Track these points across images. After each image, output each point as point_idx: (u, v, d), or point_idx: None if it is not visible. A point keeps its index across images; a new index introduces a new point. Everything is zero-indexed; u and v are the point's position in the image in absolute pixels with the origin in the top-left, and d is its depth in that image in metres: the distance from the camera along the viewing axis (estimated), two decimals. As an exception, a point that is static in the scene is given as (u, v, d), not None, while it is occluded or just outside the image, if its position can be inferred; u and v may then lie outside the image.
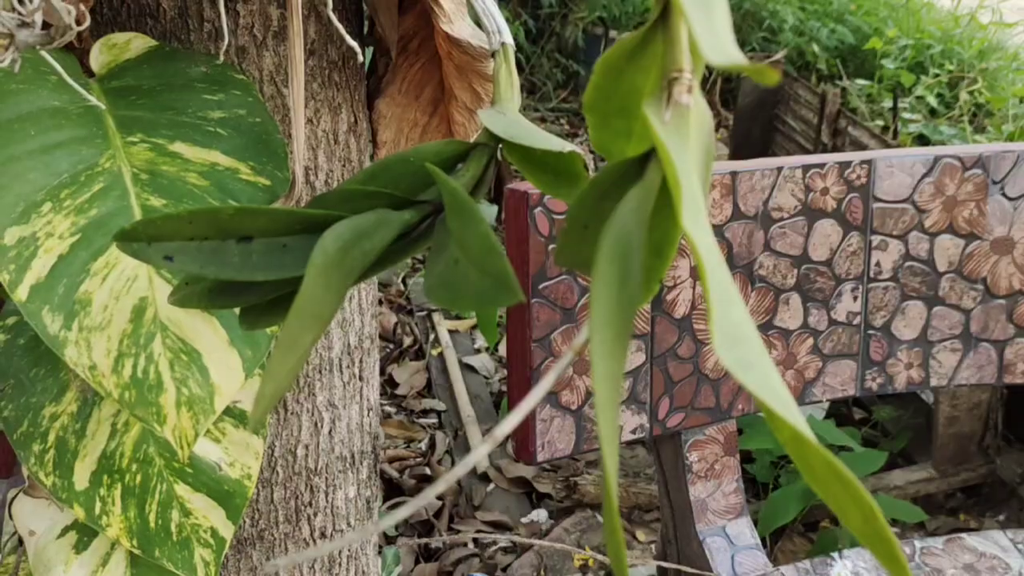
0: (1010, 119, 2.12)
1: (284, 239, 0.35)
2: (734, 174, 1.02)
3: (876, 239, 1.08)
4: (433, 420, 1.96)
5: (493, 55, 0.41)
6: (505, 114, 0.39)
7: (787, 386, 1.14)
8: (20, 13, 0.29)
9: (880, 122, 2.63)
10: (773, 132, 2.73)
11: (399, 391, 2.05)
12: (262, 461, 0.59)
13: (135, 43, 0.48)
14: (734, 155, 2.82)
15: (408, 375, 2.10)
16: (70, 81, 0.36)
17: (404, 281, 2.48)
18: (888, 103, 2.65)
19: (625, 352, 0.27)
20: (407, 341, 2.22)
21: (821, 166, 1.05)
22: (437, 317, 2.27)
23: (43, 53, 0.32)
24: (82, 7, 0.31)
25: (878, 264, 1.09)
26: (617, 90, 0.27)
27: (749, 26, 3.83)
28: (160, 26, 0.50)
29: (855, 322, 1.10)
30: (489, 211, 2.04)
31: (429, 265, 0.33)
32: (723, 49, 0.17)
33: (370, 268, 0.35)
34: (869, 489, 1.63)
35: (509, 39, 0.41)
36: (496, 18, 0.42)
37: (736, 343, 0.24)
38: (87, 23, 0.31)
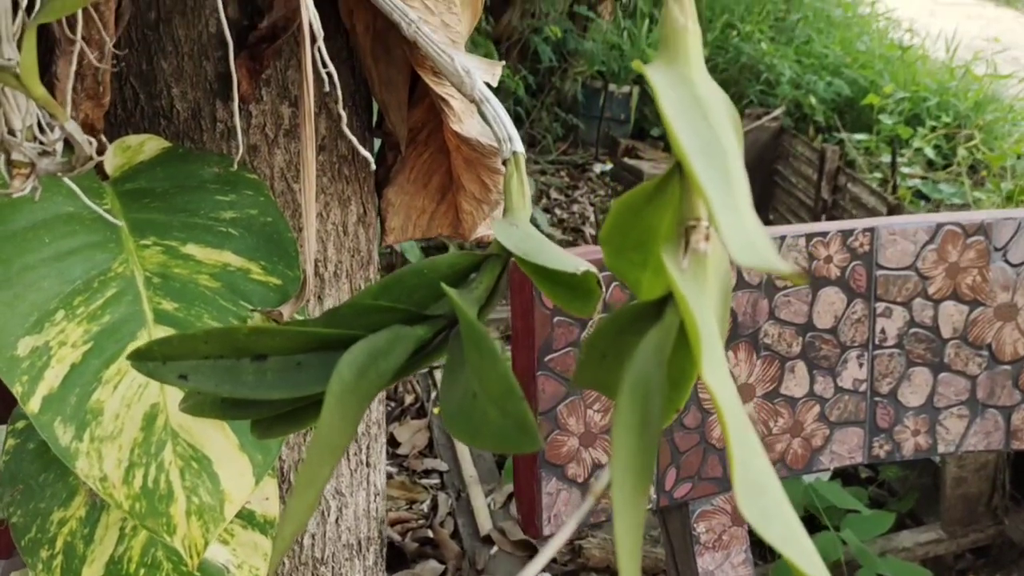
0: (1009, 176, 2.14)
1: (298, 356, 0.35)
2: (738, 243, 1.02)
3: (880, 306, 1.08)
4: (435, 480, 1.95)
5: (504, 163, 0.42)
6: (517, 226, 0.39)
7: (794, 454, 1.11)
8: (42, 142, 0.29)
9: (879, 174, 2.65)
10: (773, 188, 2.74)
11: (401, 450, 2.04)
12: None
13: (149, 145, 0.49)
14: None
15: (410, 434, 2.08)
16: (85, 200, 0.37)
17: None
18: (886, 156, 2.67)
19: (647, 496, 0.26)
20: (408, 399, 2.21)
21: (824, 234, 1.05)
22: (439, 375, 2.26)
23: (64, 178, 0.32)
24: (103, 138, 0.31)
25: (883, 331, 1.09)
26: (634, 227, 0.27)
27: (747, 79, 3.88)
28: (173, 127, 0.50)
29: (861, 389, 1.10)
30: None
31: (445, 386, 0.33)
32: (753, 247, 0.17)
33: (384, 384, 0.35)
34: (877, 552, 1.61)
35: (520, 147, 0.42)
36: (507, 126, 0.43)
37: (759, 494, 0.24)
38: (108, 152, 0.31)
